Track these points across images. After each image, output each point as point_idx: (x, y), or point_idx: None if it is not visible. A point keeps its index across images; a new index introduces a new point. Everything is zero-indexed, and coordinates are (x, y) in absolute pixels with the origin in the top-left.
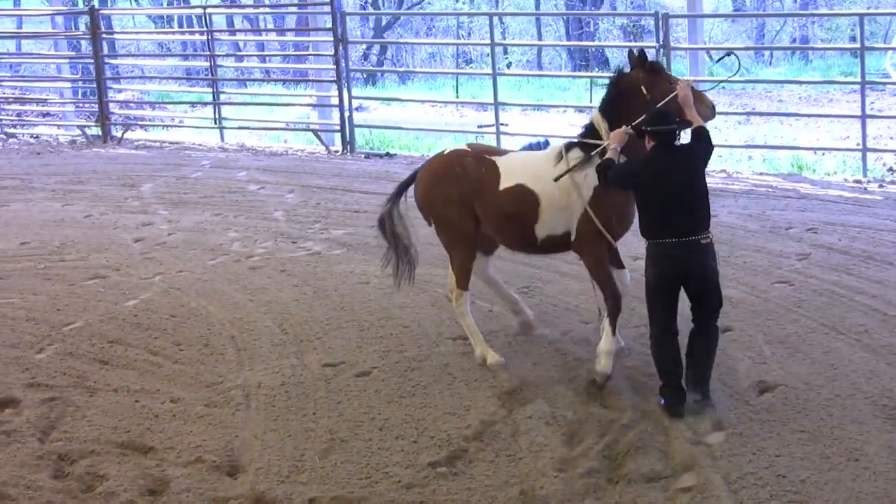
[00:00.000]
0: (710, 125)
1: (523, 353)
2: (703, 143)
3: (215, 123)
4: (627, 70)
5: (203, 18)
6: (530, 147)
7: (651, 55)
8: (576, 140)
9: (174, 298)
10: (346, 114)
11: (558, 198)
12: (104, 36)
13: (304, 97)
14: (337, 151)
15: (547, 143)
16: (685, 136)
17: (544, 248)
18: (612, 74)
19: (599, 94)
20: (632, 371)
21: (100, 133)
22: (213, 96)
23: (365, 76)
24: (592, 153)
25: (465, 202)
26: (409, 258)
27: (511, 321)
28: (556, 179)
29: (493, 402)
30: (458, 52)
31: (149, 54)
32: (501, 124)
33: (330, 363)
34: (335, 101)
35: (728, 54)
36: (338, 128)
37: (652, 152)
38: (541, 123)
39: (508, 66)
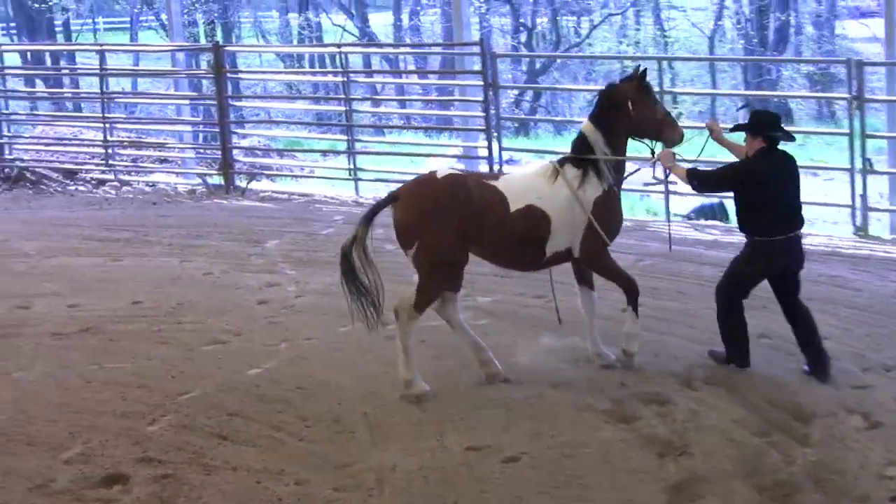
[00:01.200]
0: None
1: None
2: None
3: (350, 174)
4: (616, 83)
5: (338, 58)
6: None
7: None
8: (567, 156)
9: (301, 368)
10: (496, 167)
11: (564, 214)
12: (229, 75)
13: (449, 147)
14: None
15: None
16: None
17: (546, 265)
18: (604, 85)
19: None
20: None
21: (222, 182)
22: (348, 144)
23: (516, 125)
24: (596, 164)
25: (466, 229)
26: (372, 297)
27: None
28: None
29: (659, 497)
30: None
31: (277, 96)
32: (670, 182)
33: (473, 446)
34: (483, 152)
35: (745, 105)
36: None
37: (765, 154)
38: None
39: (679, 117)
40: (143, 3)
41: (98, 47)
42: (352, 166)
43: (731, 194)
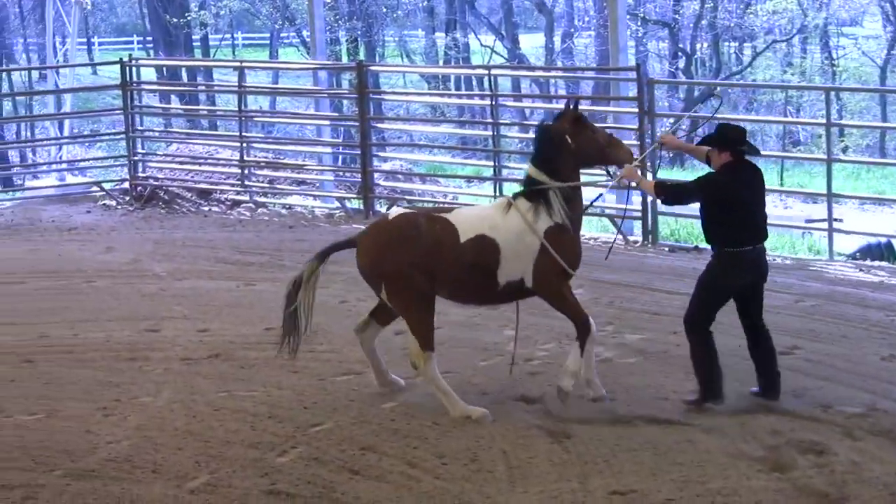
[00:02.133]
0: None
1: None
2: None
3: None
4: (549, 122)
5: (486, 81)
6: None
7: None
8: (519, 192)
9: (438, 403)
10: (650, 199)
11: (515, 243)
12: (371, 96)
13: (600, 177)
14: (636, 242)
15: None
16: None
17: (501, 296)
18: (537, 127)
19: None
20: None
21: (361, 207)
22: (494, 171)
23: (671, 156)
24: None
25: (423, 264)
26: (299, 329)
27: None
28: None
29: None
30: (785, 132)
31: (420, 119)
32: (834, 220)
33: (619, 490)
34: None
35: (713, 93)
36: (639, 214)
37: (732, 166)
38: (882, 221)
39: (845, 150)
40: (284, 20)
41: (237, 64)
42: (498, 193)
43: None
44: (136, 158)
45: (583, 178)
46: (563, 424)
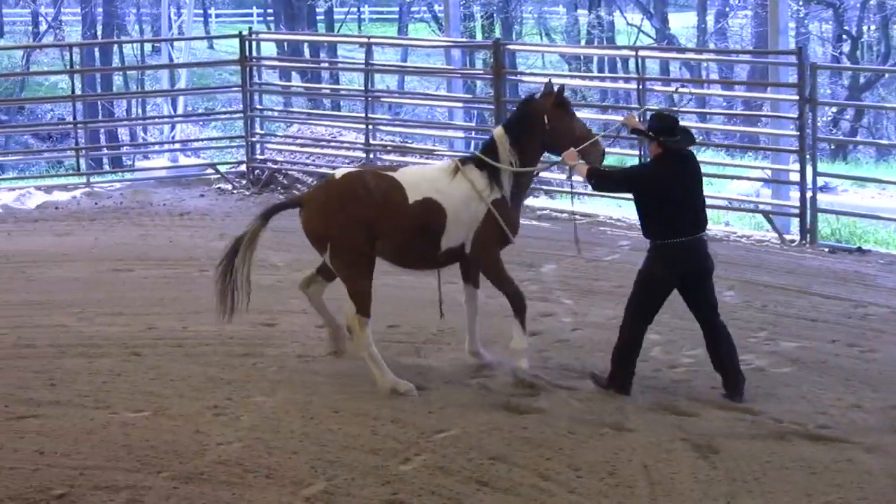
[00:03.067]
0: None
1: None
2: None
3: None
4: (533, 97)
5: (633, 63)
6: None
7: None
8: (471, 155)
9: (574, 411)
10: (809, 194)
11: (461, 210)
12: (508, 76)
13: (754, 169)
14: (793, 241)
15: None
16: None
17: (441, 261)
18: (523, 97)
19: None
20: None
21: None
22: (639, 159)
23: (833, 147)
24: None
25: (369, 223)
26: (234, 291)
27: None
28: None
29: None
30: None
31: None
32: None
33: None
34: (795, 177)
35: (681, 86)
36: (796, 211)
37: (664, 158)
38: None
39: None
40: None
41: (364, 40)
42: None
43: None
44: (253, 139)
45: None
46: (710, 438)
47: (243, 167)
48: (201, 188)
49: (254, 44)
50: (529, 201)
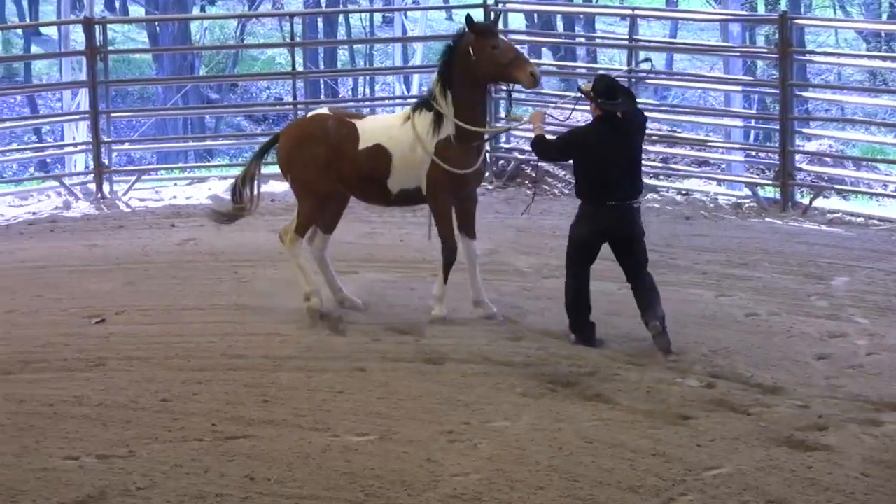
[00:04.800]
0: None
1: None
2: (638, 119)
3: None
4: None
5: None
6: None
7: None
8: (420, 101)
9: (869, 450)
10: None
11: (408, 155)
12: (796, 56)
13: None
14: None
15: None
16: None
17: (398, 201)
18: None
19: None
20: None
21: (778, 196)
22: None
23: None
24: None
25: (325, 163)
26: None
27: None
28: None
29: None
30: None
31: (856, 87)
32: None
33: None
34: None
35: (646, 59)
36: None
37: (598, 123)
38: None
39: None
40: None
41: (627, 12)
42: None
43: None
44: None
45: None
46: None
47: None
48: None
49: (500, 15)
50: (819, 202)
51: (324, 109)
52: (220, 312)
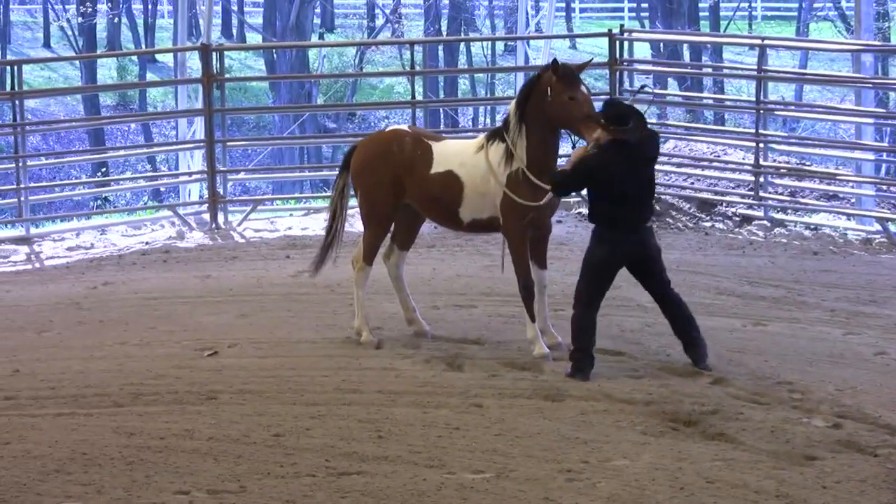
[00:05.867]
0: None
1: None
2: (650, 143)
3: None
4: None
5: None
6: None
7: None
8: (494, 130)
9: None
10: None
11: (480, 185)
12: None
13: None
14: None
15: None
16: None
17: (472, 229)
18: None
19: None
20: None
21: None
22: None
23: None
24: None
25: (395, 181)
26: (333, 240)
27: None
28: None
29: None
30: None
31: None
32: None
33: None
34: None
35: (642, 87)
36: None
37: (610, 146)
38: None
39: None
40: None
41: (756, 41)
42: None
43: None
44: None
45: None
46: None
47: None
48: (560, 212)
49: (624, 44)
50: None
51: (404, 126)
52: (334, 346)
